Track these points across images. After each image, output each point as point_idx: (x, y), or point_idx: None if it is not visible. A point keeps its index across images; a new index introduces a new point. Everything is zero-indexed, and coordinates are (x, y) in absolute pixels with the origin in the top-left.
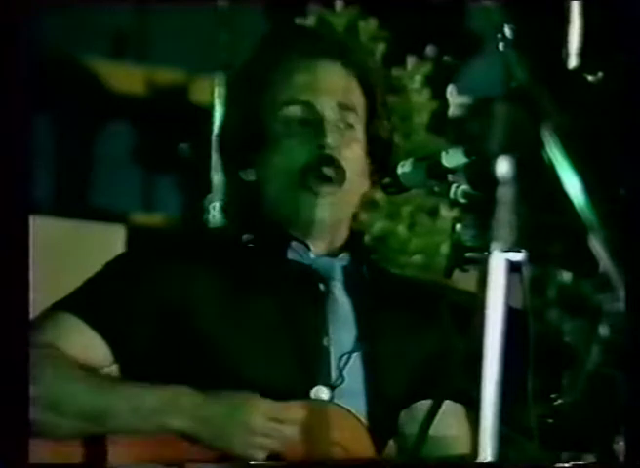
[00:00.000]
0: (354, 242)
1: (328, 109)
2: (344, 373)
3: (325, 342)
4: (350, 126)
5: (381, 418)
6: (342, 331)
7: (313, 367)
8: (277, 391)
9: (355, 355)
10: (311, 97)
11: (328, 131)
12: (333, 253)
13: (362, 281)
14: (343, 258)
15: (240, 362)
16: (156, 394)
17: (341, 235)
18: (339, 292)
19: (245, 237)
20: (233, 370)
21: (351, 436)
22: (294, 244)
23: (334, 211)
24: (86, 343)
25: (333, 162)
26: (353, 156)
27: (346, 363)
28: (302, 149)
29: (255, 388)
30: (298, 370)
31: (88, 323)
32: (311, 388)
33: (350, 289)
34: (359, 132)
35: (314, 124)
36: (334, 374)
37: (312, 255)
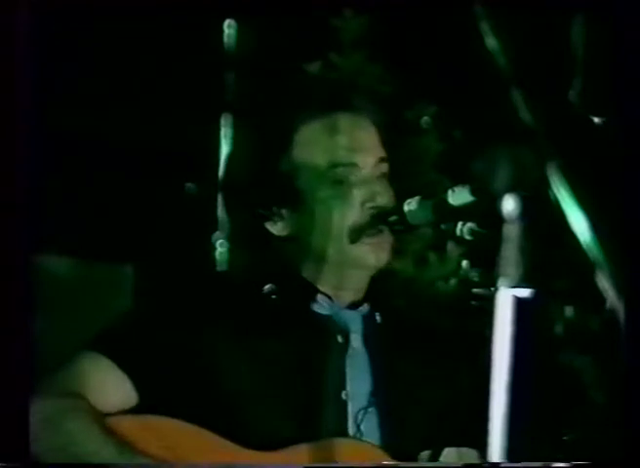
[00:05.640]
0: (375, 290)
1: (371, 167)
2: (362, 427)
3: (343, 396)
4: (384, 175)
5: None
6: (361, 385)
7: (331, 421)
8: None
9: (372, 408)
10: (355, 157)
11: (377, 192)
12: (355, 304)
13: (378, 329)
14: (364, 308)
15: (257, 414)
16: None
17: (365, 284)
18: (357, 343)
19: (267, 288)
20: (250, 421)
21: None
22: (318, 297)
23: (382, 257)
24: (112, 383)
25: (385, 219)
26: (390, 203)
27: (364, 416)
28: (351, 208)
29: (272, 442)
30: (315, 424)
31: (116, 363)
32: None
33: (368, 339)
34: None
35: (361, 183)
36: (351, 429)
37: (335, 307)
